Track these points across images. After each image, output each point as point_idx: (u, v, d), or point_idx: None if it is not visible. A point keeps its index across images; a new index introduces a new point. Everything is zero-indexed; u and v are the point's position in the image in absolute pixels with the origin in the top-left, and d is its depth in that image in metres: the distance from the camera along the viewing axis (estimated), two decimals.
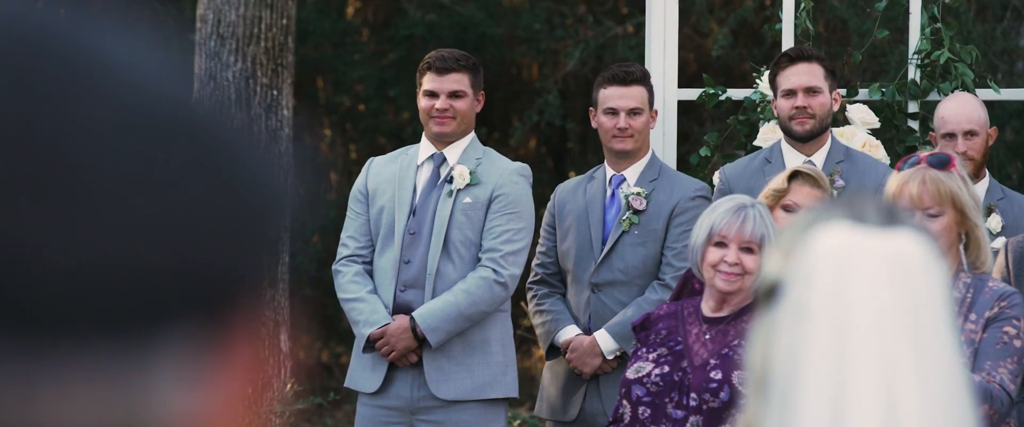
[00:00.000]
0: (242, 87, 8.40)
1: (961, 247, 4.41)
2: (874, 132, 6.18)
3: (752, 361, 1.62)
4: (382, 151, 12.15)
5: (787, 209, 4.88)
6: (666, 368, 4.24)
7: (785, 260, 1.62)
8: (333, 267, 5.68)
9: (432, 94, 5.56)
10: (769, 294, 1.62)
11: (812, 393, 1.54)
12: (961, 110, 5.86)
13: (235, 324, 0.76)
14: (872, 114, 6.22)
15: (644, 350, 4.33)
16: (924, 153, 4.49)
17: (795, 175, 4.91)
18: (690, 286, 4.79)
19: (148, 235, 0.71)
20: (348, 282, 5.59)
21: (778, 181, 4.91)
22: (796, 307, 1.58)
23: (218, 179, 0.75)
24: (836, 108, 5.78)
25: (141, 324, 0.72)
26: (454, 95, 5.54)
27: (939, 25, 6.38)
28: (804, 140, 5.67)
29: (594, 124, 5.79)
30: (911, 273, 1.60)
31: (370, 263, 5.62)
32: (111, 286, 0.71)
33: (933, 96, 6.37)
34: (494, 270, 5.46)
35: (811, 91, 5.65)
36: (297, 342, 11.52)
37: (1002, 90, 6.50)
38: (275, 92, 8.48)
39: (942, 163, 4.40)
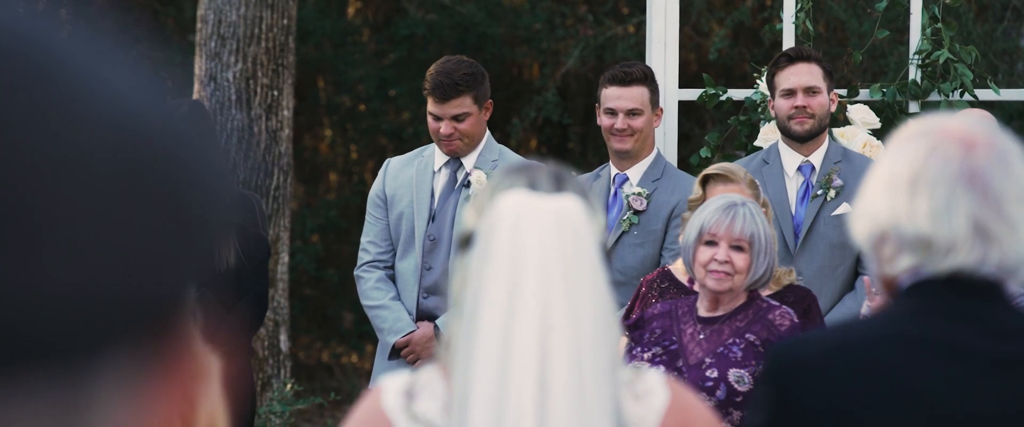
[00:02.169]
0: (242, 87, 8.39)
1: None
2: (875, 132, 6.17)
3: (452, 289, 2.16)
4: (383, 151, 12.20)
5: None
6: (661, 367, 4.24)
7: (477, 216, 2.14)
8: (355, 272, 5.69)
9: (437, 117, 5.52)
10: (466, 242, 2.15)
11: (492, 310, 2.06)
12: None
13: (172, 343, 0.75)
14: (873, 114, 6.21)
15: (639, 349, 4.33)
16: None
17: (706, 179, 4.86)
18: (644, 297, 4.79)
19: (92, 260, 0.70)
20: (371, 288, 5.60)
21: (694, 191, 4.87)
22: (483, 250, 2.09)
23: (161, 202, 0.73)
24: (833, 109, 5.78)
25: (82, 349, 0.70)
26: (457, 118, 5.50)
27: (939, 25, 6.38)
28: (802, 140, 5.66)
29: (598, 122, 5.77)
30: (572, 225, 2.09)
31: (391, 267, 5.63)
32: (53, 313, 0.69)
33: (934, 96, 6.37)
34: None
35: (811, 91, 5.64)
36: (297, 342, 11.52)
37: (1002, 90, 6.50)
38: (276, 92, 8.47)
39: None
